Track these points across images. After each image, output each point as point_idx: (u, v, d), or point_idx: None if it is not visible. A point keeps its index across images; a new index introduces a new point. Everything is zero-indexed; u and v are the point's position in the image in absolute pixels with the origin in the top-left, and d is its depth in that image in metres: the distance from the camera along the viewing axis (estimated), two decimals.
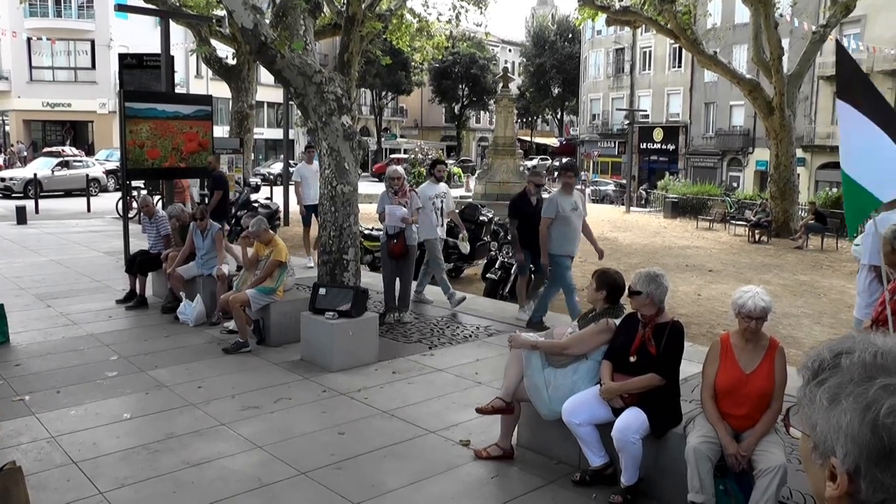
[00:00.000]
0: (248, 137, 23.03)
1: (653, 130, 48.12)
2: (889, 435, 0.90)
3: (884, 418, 0.90)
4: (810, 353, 1.05)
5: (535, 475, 4.64)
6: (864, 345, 0.98)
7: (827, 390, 0.97)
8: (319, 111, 7.61)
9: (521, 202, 8.89)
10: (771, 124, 21.98)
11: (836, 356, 1.00)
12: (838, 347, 1.01)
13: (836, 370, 0.98)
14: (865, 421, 0.92)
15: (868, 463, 0.92)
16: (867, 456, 0.92)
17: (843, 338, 1.04)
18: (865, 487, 0.93)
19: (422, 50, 23.67)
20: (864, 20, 33.85)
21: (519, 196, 9.07)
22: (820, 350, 1.04)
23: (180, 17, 17.60)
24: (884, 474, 0.91)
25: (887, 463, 0.91)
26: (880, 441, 0.90)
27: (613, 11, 22.87)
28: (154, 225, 9.59)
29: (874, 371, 0.95)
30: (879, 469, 0.91)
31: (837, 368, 0.98)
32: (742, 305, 3.93)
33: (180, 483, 4.44)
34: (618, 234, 21.01)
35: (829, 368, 1.00)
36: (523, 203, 8.85)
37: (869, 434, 0.91)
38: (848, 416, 0.93)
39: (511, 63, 61.99)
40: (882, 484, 0.91)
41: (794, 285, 13.25)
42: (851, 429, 0.93)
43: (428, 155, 41.48)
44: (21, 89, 40.43)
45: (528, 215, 8.65)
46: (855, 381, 0.95)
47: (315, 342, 6.96)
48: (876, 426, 0.91)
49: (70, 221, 18.60)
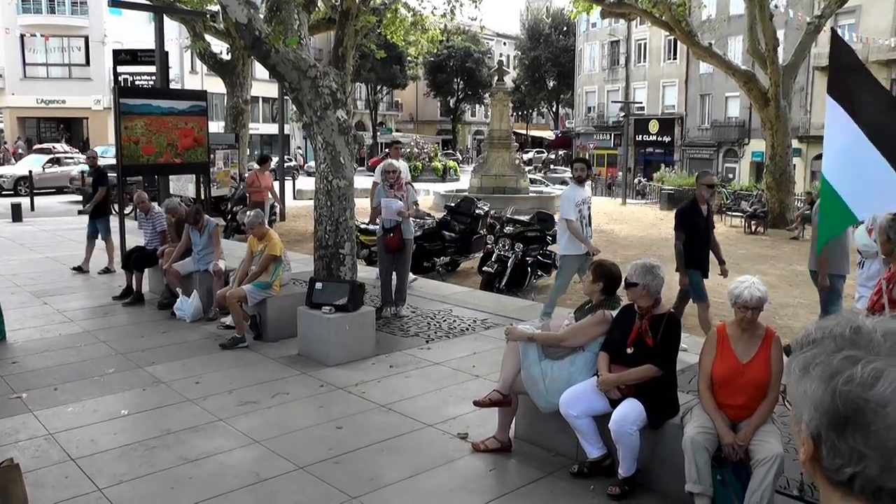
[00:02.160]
0: (244, 133, 22.97)
1: (648, 122, 48.11)
2: (844, 402, 0.95)
3: (842, 386, 0.95)
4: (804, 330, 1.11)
5: (533, 467, 4.65)
6: (846, 322, 1.03)
7: (800, 361, 1.02)
8: (314, 106, 7.59)
9: (692, 212, 7.47)
10: (766, 115, 21.97)
11: (819, 331, 1.05)
12: (824, 323, 1.05)
13: (814, 343, 1.03)
14: (827, 389, 0.97)
15: (827, 429, 0.97)
16: (826, 422, 0.97)
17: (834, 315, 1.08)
18: (826, 453, 0.98)
19: (416, 44, 23.61)
20: (859, 10, 33.85)
21: (689, 205, 7.58)
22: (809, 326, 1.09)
23: (174, 13, 17.54)
24: (839, 440, 0.96)
25: (842, 429, 0.96)
26: (837, 408, 0.96)
27: (608, 4, 22.82)
28: (150, 221, 9.58)
29: (844, 344, 0.99)
30: (836, 434, 0.96)
31: (816, 342, 1.03)
32: (738, 296, 3.94)
33: (178, 479, 4.44)
34: (614, 226, 21.02)
35: (811, 342, 1.04)
36: (694, 213, 7.45)
37: (829, 401, 0.96)
38: (813, 384, 0.99)
39: (506, 56, 61.85)
40: (839, 450, 0.97)
41: (791, 275, 13.25)
42: (815, 396, 0.98)
43: (424, 149, 41.48)
44: (15, 86, 40.24)
45: (698, 228, 7.42)
46: (826, 352, 1.00)
47: (312, 337, 6.96)
48: (835, 394, 0.96)
49: (65, 218, 18.55)
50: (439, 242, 12.48)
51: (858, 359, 0.96)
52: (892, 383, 0.94)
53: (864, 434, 0.94)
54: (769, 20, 20.79)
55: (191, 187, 15.36)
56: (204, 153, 11.53)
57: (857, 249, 5.81)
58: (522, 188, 24.93)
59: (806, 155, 37.28)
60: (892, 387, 0.94)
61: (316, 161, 8.04)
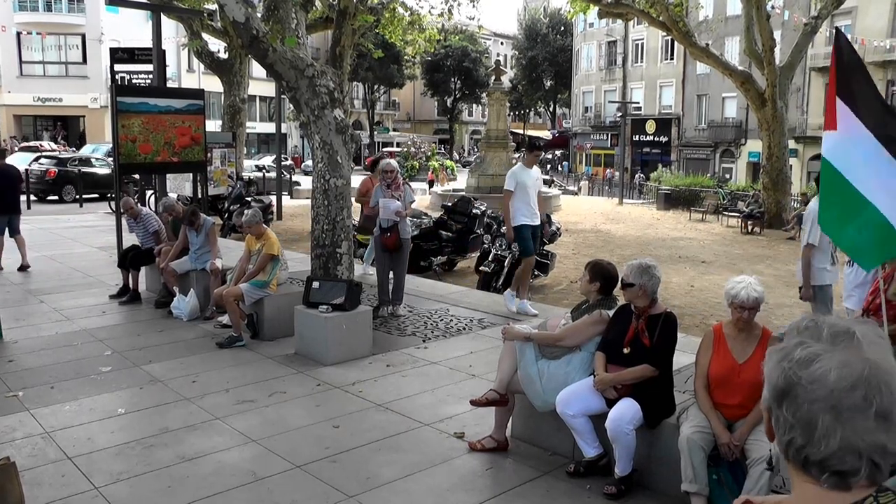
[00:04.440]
0: (241, 132, 22.95)
1: (645, 122, 48.20)
2: (784, 378, 1.11)
3: (786, 363, 1.11)
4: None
5: (530, 467, 4.66)
6: (809, 317, 1.18)
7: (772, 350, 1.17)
8: (312, 105, 7.59)
9: None
10: (763, 116, 22.02)
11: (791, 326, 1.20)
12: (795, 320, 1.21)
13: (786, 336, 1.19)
14: (776, 367, 1.13)
15: (771, 401, 1.13)
16: (770, 395, 1.14)
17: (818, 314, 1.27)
18: (773, 423, 1.14)
19: (414, 43, 23.59)
20: (855, 11, 33.94)
21: None
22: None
23: (172, 11, 17.49)
24: (778, 411, 1.12)
25: (780, 401, 1.11)
26: (778, 383, 1.12)
27: (605, 4, 22.84)
28: (141, 224, 9.45)
29: (801, 335, 1.15)
30: (776, 405, 1.12)
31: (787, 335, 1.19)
32: (735, 296, 3.95)
33: (175, 477, 4.44)
34: (611, 226, 21.06)
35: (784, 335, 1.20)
36: None
37: (775, 377, 1.12)
38: (769, 365, 1.15)
39: (503, 56, 61.89)
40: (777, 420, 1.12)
41: (787, 276, 13.28)
42: (769, 374, 1.15)
43: (420, 148, 41.48)
44: (11, 84, 40.18)
45: None
46: (789, 342, 1.15)
47: (309, 336, 6.96)
48: (781, 371, 1.12)
49: (62, 217, 18.53)
50: (436, 242, 12.49)
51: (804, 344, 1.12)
52: (824, 366, 1.08)
53: (794, 406, 1.09)
54: (766, 21, 20.83)
55: (188, 186, 15.34)
56: (201, 152, 11.52)
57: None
58: None
59: (802, 155, 37.37)
60: (822, 369, 1.08)
61: (313, 160, 8.04)
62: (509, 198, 8.46)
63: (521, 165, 8.71)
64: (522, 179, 8.48)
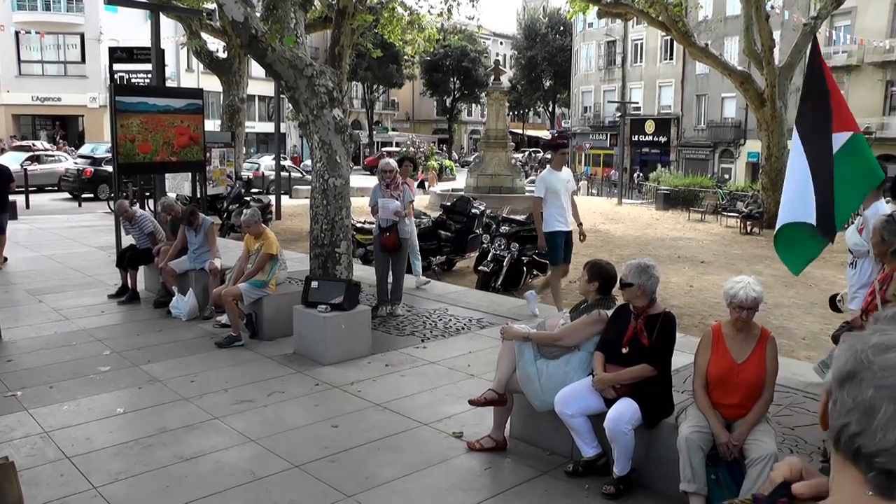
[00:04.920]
0: (240, 131, 22.95)
1: (644, 122, 48.18)
2: (857, 360, 1.04)
3: (860, 346, 1.06)
4: None
5: (528, 466, 4.66)
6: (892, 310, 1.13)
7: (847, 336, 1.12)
8: (311, 104, 7.59)
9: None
10: (762, 116, 22.01)
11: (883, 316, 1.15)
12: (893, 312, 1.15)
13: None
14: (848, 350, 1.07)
15: (835, 383, 1.07)
16: (835, 377, 1.07)
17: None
18: (830, 407, 1.08)
19: (413, 43, 23.60)
20: (855, 12, 33.92)
21: None
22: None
23: (170, 11, 17.49)
24: (840, 392, 1.05)
25: (844, 383, 1.05)
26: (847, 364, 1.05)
27: (604, 4, 22.83)
28: (137, 226, 9.43)
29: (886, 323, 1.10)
30: (839, 387, 1.06)
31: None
32: (734, 296, 3.95)
33: (174, 477, 4.44)
34: (610, 226, 21.05)
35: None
36: None
37: (844, 360, 1.07)
38: (841, 348, 1.10)
39: (502, 56, 61.86)
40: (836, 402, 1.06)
41: (786, 276, 13.26)
42: (837, 357, 1.09)
43: (420, 148, 41.46)
44: (10, 83, 40.12)
45: None
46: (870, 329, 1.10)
47: (308, 336, 6.96)
48: (853, 353, 1.06)
49: (61, 216, 18.52)
50: (435, 242, 12.49)
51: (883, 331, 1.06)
52: None
53: (858, 390, 1.03)
54: (765, 21, 20.82)
55: (187, 185, 15.34)
56: (200, 151, 11.52)
57: (849, 249, 5.75)
58: (518, 188, 24.96)
59: None
60: None
61: (312, 160, 8.04)
62: (539, 204, 8.29)
63: (550, 169, 8.46)
64: (552, 183, 8.25)
